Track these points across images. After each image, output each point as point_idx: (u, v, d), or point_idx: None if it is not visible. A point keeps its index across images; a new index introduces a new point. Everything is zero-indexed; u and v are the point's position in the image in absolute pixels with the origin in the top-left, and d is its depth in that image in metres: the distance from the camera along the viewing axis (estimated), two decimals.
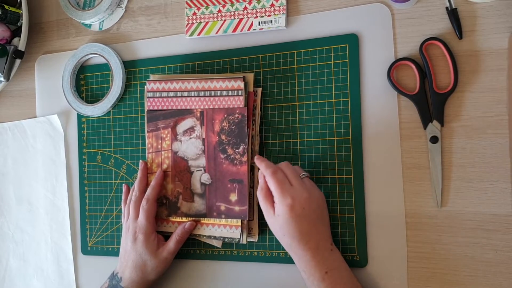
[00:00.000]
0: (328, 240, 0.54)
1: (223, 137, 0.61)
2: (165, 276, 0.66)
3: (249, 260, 0.62)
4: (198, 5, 0.65)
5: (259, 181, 0.56)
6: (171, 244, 0.61)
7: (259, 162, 0.56)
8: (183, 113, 0.63)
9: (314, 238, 0.52)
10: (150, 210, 0.62)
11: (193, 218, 0.62)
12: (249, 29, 0.63)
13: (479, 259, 0.53)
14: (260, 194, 0.55)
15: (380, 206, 0.56)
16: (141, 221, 0.61)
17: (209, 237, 0.62)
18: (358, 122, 0.58)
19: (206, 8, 0.65)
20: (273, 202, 0.54)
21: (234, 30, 0.63)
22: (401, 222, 0.56)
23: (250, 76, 0.61)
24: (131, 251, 0.61)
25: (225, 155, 0.61)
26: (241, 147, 0.60)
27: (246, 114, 0.60)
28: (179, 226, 0.62)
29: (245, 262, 0.62)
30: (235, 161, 0.60)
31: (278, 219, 0.53)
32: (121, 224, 0.68)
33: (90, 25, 0.74)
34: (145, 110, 0.66)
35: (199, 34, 0.65)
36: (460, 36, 0.54)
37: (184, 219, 0.63)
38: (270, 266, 0.61)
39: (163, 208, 0.64)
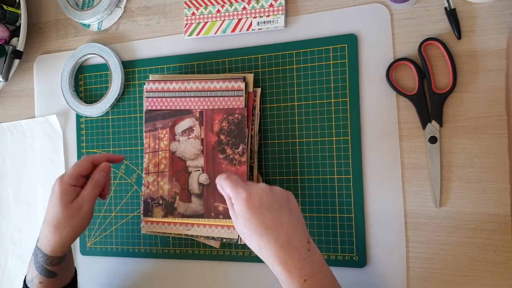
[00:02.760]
0: (302, 236, 0.47)
1: (222, 137, 0.61)
2: (163, 276, 0.66)
3: (248, 260, 0.62)
4: (197, 5, 0.65)
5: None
6: (86, 190, 0.55)
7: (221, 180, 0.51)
8: (182, 113, 0.63)
9: (283, 233, 0.46)
10: (80, 164, 0.56)
11: (189, 220, 0.62)
12: (248, 29, 0.62)
13: (478, 259, 0.53)
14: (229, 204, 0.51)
15: (379, 206, 0.56)
16: (65, 174, 0.56)
17: (207, 237, 0.62)
18: (357, 122, 0.58)
19: (205, 8, 0.65)
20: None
21: (233, 30, 0.63)
22: (400, 222, 0.56)
23: (250, 77, 0.61)
24: (48, 205, 0.56)
25: (224, 155, 0.61)
26: (241, 147, 0.60)
27: (246, 114, 0.60)
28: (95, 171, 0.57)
29: (243, 262, 0.62)
30: (234, 161, 0.60)
31: (239, 218, 0.48)
32: (120, 225, 0.68)
33: (89, 25, 0.73)
34: (144, 110, 0.66)
35: (198, 34, 0.65)
36: (459, 36, 0.54)
37: (181, 220, 0.63)
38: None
39: (159, 208, 0.64)
